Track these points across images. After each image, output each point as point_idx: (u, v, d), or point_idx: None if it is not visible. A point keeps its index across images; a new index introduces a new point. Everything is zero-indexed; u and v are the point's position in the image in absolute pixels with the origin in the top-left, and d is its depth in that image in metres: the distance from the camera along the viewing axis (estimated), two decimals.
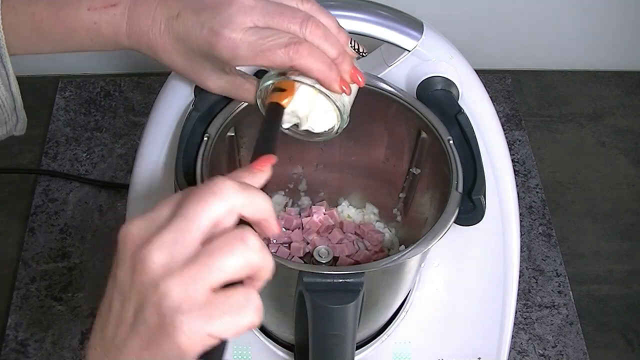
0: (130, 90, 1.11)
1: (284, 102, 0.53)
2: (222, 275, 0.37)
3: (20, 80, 0.57)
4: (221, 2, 0.52)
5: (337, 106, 0.54)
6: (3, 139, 0.60)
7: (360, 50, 0.56)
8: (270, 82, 0.54)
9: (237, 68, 0.58)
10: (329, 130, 0.56)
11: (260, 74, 0.59)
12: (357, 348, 0.66)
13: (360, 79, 0.54)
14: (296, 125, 0.57)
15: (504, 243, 0.68)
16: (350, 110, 0.56)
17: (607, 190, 1.05)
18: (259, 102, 0.56)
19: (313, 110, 0.55)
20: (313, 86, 0.53)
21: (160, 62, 0.57)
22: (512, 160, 0.79)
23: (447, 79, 0.66)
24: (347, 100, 0.55)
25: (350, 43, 0.55)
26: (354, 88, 0.56)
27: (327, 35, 0.53)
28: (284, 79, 0.53)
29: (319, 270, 0.53)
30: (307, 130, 0.56)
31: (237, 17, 0.51)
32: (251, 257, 0.38)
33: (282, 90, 0.53)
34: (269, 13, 0.52)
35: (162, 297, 0.36)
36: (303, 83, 0.53)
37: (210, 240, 0.38)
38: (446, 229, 0.56)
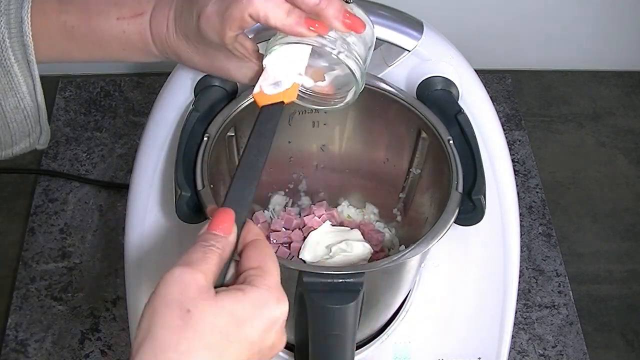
0: (130, 90, 1.11)
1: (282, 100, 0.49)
2: None
3: None
4: None
5: (344, 61, 0.49)
6: (26, 151, 0.59)
7: None
8: (273, 48, 0.51)
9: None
10: (343, 92, 0.53)
11: None
12: (357, 348, 0.66)
13: (356, 24, 0.49)
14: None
15: (504, 243, 0.68)
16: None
17: (607, 190, 1.05)
18: None
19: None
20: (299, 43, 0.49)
21: (189, 67, 0.56)
22: (512, 160, 0.79)
23: (447, 79, 0.66)
24: (361, 55, 0.51)
25: None
26: (366, 39, 0.52)
27: None
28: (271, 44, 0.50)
29: (319, 271, 0.53)
30: (317, 96, 0.54)
31: None
32: None
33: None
34: None
35: None
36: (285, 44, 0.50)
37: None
38: (446, 229, 0.56)
